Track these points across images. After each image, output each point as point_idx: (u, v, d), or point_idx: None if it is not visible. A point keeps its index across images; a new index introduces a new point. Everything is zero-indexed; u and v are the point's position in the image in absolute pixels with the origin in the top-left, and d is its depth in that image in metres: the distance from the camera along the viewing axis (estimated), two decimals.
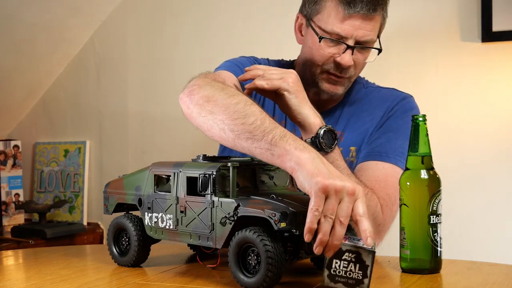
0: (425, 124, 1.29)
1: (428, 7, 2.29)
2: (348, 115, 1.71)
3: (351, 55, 1.57)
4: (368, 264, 1.10)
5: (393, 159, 1.60)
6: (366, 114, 1.70)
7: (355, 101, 1.73)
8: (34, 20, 2.55)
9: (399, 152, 1.61)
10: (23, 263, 1.55)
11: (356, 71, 1.64)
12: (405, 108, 1.69)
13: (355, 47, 1.57)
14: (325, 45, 1.58)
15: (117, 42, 2.83)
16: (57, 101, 2.96)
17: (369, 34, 1.57)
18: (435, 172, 1.28)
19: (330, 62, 1.60)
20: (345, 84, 1.65)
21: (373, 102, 1.72)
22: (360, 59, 1.61)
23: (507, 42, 2.18)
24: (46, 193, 2.93)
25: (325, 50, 1.59)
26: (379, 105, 1.70)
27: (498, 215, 2.21)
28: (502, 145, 2.20)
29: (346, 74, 1.61)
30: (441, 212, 1.27)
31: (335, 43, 1.58)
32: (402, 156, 1.60)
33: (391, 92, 1.75)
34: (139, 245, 1.35)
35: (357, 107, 1.72)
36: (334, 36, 1.57)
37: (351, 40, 1.57)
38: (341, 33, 1.56)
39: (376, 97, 1.73)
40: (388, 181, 1.57)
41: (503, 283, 1.21)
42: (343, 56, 1.57)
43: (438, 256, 1.27)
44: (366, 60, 1.64)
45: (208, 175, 1.21)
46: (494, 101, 2.21)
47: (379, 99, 1.72)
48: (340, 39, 1.57)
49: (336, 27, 1.56)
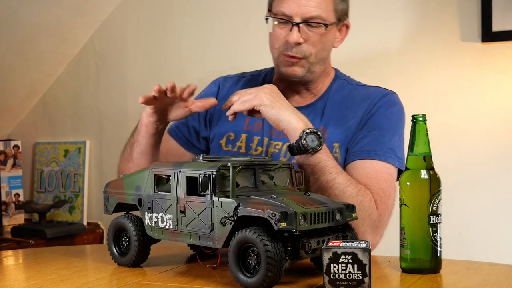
0: (425, 124, 1.29)
1: (428, 7, 2.29)
2: (332, 110, 1.72)
3: (298, 32, 1.60)
4: (366, 262, 1.11)
5: (382, 156, 1.61)
6: (349, 111, 1.70)
7: (339, 97, 1.74)
8: (34, 20, 2.55)
9: (387, 148, 1.62)
10: (23, 263, 1.55)
11: (312, 50, 1.64)
12: (388, 104, 1.69)
13: (301, 24, 1.60)
14: (277, 28, 1.64)
15: (117, 42, 2.83)
16: (57, 101, 2.96)
17: (313, 10, 1.60)
18: (435, 172, 1.28)
19: (283, 44, 1.64)
20: (304, 66, 1.66)
21: (356, 99, 1.72)
22: (311, 36, 1.63)
23: (507, 42, 2.18)
24: (46, 193, 2.93)
25: (276, 32, 1.64)
26: (361, 102, 1.71)
27: (498, 215, 2.21)
28: (502, 144, 2.20)
29: (299, 54, 1.63)
30: (441, 212, 1.27)
31: (284, 24, 1.62)
32: (390, 152, 1.62)
33: (374, 89, 1.75)
34: (139, 245, 1.35)
35: (342, 103, 1.72)
36: (281, 16, 1.62)
37: (298, 18, 1.60)
38: (286, 12, 1.61)
39: (360, 95, 1.73)
40: (379, 177, 1.59)
41: (503, 283, 1.21)
42: (291, 34, 1.60)
43: (438, 256, 1.27)
44: (323, 39, 1.64)
45: (208, 175, 1.21)
46: (494, 101, 2.21)
47: (363, 96, 1.72)
48: (288, 19, 1.61)
49: (282, 7, 1.61)
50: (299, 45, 1.62)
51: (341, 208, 1.22)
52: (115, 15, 2.81)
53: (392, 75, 2.34)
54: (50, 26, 2.64)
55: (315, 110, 1.72)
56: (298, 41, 1.61)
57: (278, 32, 1.64)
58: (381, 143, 1.62)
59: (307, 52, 1.63)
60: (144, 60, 2.79)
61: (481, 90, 2.23)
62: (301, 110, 1.61)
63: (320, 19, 1.61)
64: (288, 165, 1.34)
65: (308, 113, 1.66)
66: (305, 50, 1.63)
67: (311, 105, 1.73)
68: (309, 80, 1.70)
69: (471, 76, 2.24)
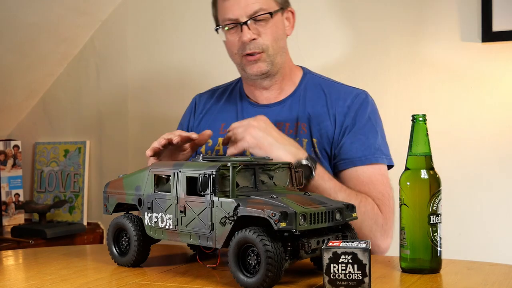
0: (425, 124, 1.29)
1: (428, 7, 2.29)
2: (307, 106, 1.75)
3: (248, 29, 1.66)
4: (366, 262, 1.11)
5: (372, 159, 1.67)
6: (325, 109, 1.74)
7: (312, 92, 1.78)
8: (34, 20, 2.55)
9: (374, 150, 1.68)
10: (23, 263, 1.55)
11: (267, 42, 1.69)
12: (364, 106, 1.74)
13: (248, 22, 1.66)
14: (229, 35, 1.72)
15: (117, 42, 2.83)
16: (57, 101, 2.96)
17: (254, 5, 1.66)
18: (435, 172, 1.28)
19: (240, 46, 1.69)
20: (266, 60, 1.71)
21: (331, 96, 1.76)
22: (261, 29, 1.68)
23: (507, 42, 2.18)
24: (46, 193, 2.93)
25: (230, 39, 1.72)
26: (335, 101, 1.74)
27: (498, 215, 2.21)
28: (502, 145, 2.20)
29: (257, 49, 1.69)
30: (441, 212, 1.27)
31: (234, 29, 1.70)
32: (378, 152, 1.68)
33: (346, 88, 1.79)
34: (139, 245, 1.35)
35: (316, 99, 1.76)
36: (228, 22, 1.68)
37: (244, 17, 1.67)
38: (231, 17, 1.68)
39: (333, 92, 1.77)
40: (374, 181, 1.65)
41: (503, 283, 1.21)
42: (242, 34, 1.67)
43: (438, 256, 1.27)
44: (273, 28, 1.69)
45: (208, 175, 1.21)
46: (494, 101, 2.21)
47: (336, 95, 1.75)
48: (235, 21, 1.68)
49: (226, 14, 1.69)
50: (254, 40, 1.67)
51: (341, 208, 1.22)
52: (115, 15, 2.81)
53: (392, 75, 2.34)
54: (50, 26, 2.64)
55: (289, 106, 1.77)
56: (252, 37, 1.67)
57: (231, 38, 1.72)
58: (368, 146, 1.68)
59: (263, 45, 1.69)
60: (144, 60, 2.79)
61: (481, 90, 2.23)
62: (274, 106, 1.75)
63: (263, 11, 1.67)
64: (288, 165, 1.34)
65: (281, 109, 1.75)
66: (261, 43, 1.69)
67: (284, 102, 1.78)
68: (274, 73, 1.75)
69: (471, 76, 2.24)
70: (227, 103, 1.86)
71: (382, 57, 2.36)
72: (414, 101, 2.30)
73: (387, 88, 2.34)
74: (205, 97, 1.92)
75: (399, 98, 2.33)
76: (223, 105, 1.86)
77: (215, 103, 1.88)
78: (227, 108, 1.84)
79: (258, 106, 1.81)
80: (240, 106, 1.83)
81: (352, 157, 1.67)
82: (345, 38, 2.41)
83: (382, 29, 2.35)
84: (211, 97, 1.91)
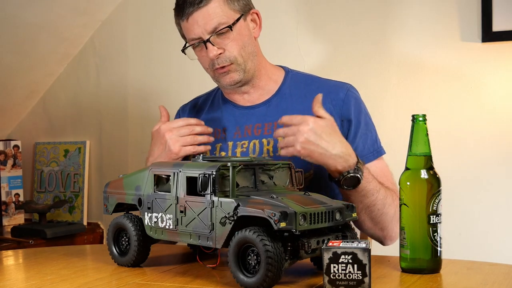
0: (425, 124, 1.29)
1: (428, 7, 2.29)
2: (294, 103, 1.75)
3: (212, 46, 1.67)
4: (366, 262, 1.11)
5: (376, 153, 1.72)
6: None
7: (297, 89, 1.78)
8: (34, 20, 2.55)
9: (374, 143, 1.73)
10: (23, 263, 1.55)
11: (234, 52, 1.70)
12: (355, 99, 1.75)
13: (210, 38, 1.67)
14: (198, 52, 1.74)
15: (117, 42, 2.83)
16: (57, 101, 2.96)
17: (212, 22, 1.66)
18: (435, 172, 1.28)
19: (209, 62, 1.71)
20: (237, 69, 1.71)
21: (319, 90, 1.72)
22: (225, 43, 1.69)
23: (507, 42, 2.18)
24: (46, 193, 2.93)
25: (199, 56, 1.74)
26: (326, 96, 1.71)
27: (498, 215, 2.21)
28: (502, 144, 2.20)
29: (226, 62, 1.70)
30: (441, 212, 1.27)
31: (200, 46, 1.71)
32: (379, 143, 1.74)
33: (332, 82, 1.80)
34: (139, 245, 1.35)
35: (302, 95, 1.76)
36: (192, 42, 1.71)
37: (205, 35, 1.68)
38: (194, 36, 1.70)
39: (320, 86, 1.76)
40: (385, 172, 1.71)
41: (503, 283, 1.21)
42: (208, 51, 1.68)
43: (438, 256, 1.27)
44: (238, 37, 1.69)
45: (207, 175, 1.21)
46: (494, 101, 2.21)
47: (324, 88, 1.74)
48: (199, 40, 1.69)
49: (189, 34, 1.71)
50: (221, 55, 1.69)
51: (341, 208, 1.22)
52: (115, 15, 2.81)
53: (392, 75, 2.34)
54: (50, 26, 2.64)
55: (275, 105, 1.76)
56: (217, 53, 1.68)
57: (200, 55, 1.74)
58: (371, 141, 1.72)
59: (230, 56, 1.69)
60: (144, 60, 2.79)
61: (481, 90, 2.23)
62: (257, 107, 1.76)
63: (223, 25, 1.67)
64: (288, 165, 1.34)
65: (267, 109, 1.75)
66: (228, 56, 1.69)
67: (269, 101, 1.78)
68: (249, 79, 1.75)
69: (471, 76, 2.24)
70: (210, 111, 1.86)
71: (382, 57, 2.36)
72: (414, 101, 2.30)
73: (387, 88, 2.34)
74: (188, 107, 1.93)
75: (399, 98, 2.33)
76: (207, 113, 1.86)
77: (198, 114, 1.88)
78: (212, 116, 1.84)
79: (243, 108, 1.79)
80: (225, 110, 1.82)
81: (366, 154, 1.70)
82: (345, 38, 2.41)
83: (382, 29, 2.35)
84: (194, 107, 1.92)
